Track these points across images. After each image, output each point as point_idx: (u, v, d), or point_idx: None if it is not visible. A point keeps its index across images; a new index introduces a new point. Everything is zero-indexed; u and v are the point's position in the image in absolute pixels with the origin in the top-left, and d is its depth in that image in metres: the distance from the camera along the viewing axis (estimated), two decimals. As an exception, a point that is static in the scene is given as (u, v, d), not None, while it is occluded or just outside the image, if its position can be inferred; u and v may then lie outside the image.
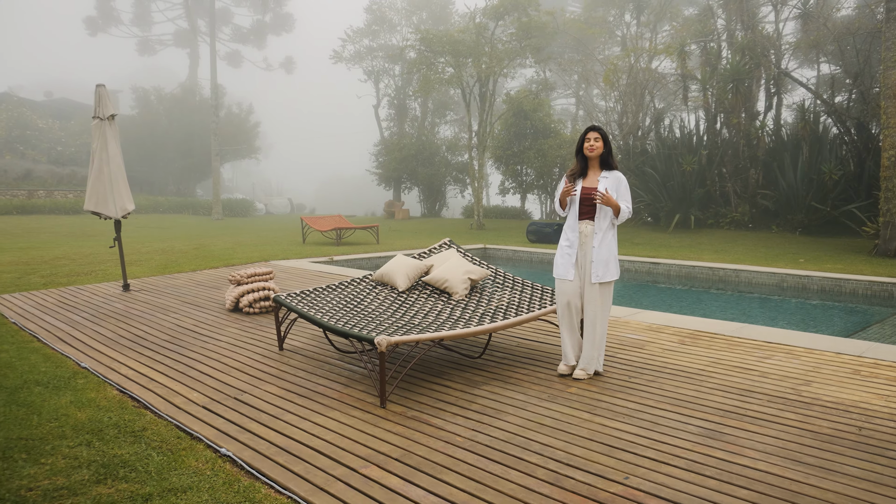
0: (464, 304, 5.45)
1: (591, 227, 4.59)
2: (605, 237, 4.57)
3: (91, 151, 8.59)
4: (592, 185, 4.62)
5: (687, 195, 18.71)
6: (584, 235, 4.59)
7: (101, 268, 11.16)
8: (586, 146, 4.62)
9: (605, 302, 4.64)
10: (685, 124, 20.29)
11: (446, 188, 31.68)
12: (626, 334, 6.07)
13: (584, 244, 4.60)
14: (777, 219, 17.81)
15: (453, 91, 30.89)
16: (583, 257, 4.60)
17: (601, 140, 4.60)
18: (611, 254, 4.58)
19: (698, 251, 14.19)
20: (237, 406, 4.29)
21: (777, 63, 18.94)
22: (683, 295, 10.14)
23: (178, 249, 14.46)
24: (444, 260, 5.95)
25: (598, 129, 4.62)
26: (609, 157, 4.64)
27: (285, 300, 5.41)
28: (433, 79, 22.26)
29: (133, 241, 16.97)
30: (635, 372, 4.90)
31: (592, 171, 4.68)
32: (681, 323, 6.42)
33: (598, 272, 4.56)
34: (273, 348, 5.75)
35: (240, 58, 44.15)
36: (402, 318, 5.13)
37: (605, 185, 4.58)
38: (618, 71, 20.72)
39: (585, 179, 4.68)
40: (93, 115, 8.56)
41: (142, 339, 6.14)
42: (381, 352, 4.15)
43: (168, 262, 12.05)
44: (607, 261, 4.57)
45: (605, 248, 4.57)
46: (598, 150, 4.59)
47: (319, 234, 17.80)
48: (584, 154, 4.64)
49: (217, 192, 29.43)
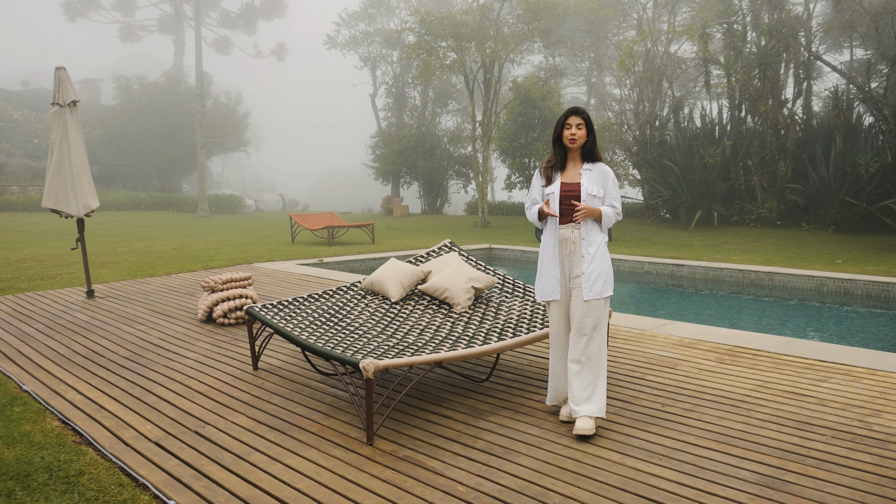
0: (467, 317, 4.94)
1: (576, 232, 3.90)
2: (597, 243, 3.89)
3: (50, 142, 8.10)
4: (573, 181, 3.94)
5: (709, 190, 18.24)
6: (569, 242, 3.91)
7: (67, 271, 10.70)
8: (566, 135, 3.93)
9: (603, 320, 3.91)
10: (707, 113, 19.83)
11: (448, 183, 31.19)
12: (654, 350, 5.55)
13: (570, 253, 3.91)
14: (808, 215, 17.31)
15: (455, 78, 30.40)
16: (570, 270, 3.92)
17: (584, 127, 3.93)
18: (605, 264, 3.89)
19: (724, 251, 13.67)
20: (196, 442, 3.78)
21: (807, 46, 18.40)
22: (712, 301, 9.63)
23: (155, 250, 14.00)
24: (444, 265, 5.44)
25: (581, 112, 3.93)
26: (593, 147, 3.97)
27: (259, 312, 4.91)
28: (434, 65, 21.77)
29: (109, 240, 16.53)
30: (669, 398, 4.39)
31: (573, 163, 4.01)
32: (716, 336, 5.91)
33: (593, 287, 3.85)
34: (247, 367, 5.26)
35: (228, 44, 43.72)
36: (395, 334, 4.62)
37: (589, 180, 3.92)
38: (633, 56, 20.21)
39: (564, 173, 4.00)
40: (52, 102, 8.06)
41: (98, 355, 5.65)
42: (368, 378, 3.64)
43: (142, 264, 11.57)
44: (603, 273, 3.87)
45: (600, 258, 3.87)
46: (580, 140, 3.93)
47: (310, 233, 17.30)
48: (565, 144, 3.96)
49: (203, 188, 28.97)
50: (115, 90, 38.56)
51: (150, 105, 37.11)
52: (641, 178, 20.95)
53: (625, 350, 5.57)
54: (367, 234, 16.31)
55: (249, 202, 37.17)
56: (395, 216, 27.44)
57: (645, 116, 20.51)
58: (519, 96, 24.77)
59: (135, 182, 38.18)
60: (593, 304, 3.86)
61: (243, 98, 40.47)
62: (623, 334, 6.12)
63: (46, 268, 11.23)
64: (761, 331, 7.64)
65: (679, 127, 20.26)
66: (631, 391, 4.54)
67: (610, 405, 4.26)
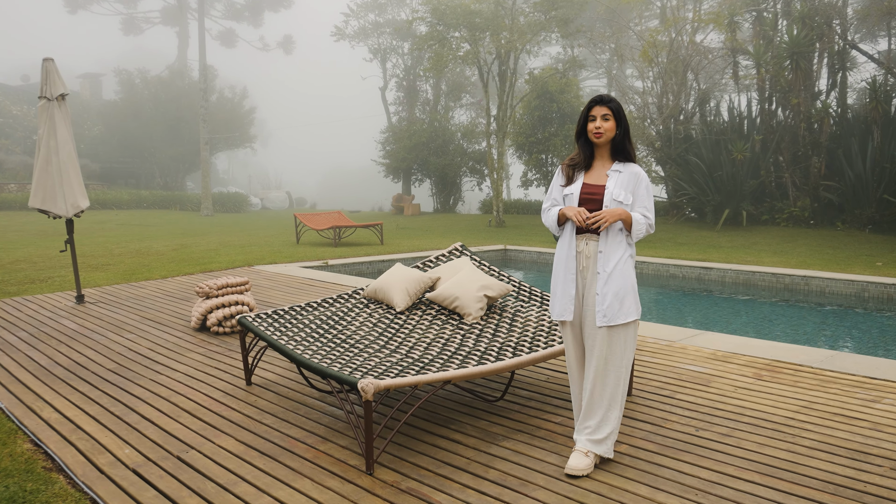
0: (479, 329, 4.66)
1: (592, 245, 3.43)
2: (616, 258, 3.40)
3: (37, 138, 7.91)
4: (598, 182, 3.46)
5: (737, 187, 17.87)
6: (584, 257, 3.45)
7: (59, 274, 10.53)
8: (591, 128, 3.46)
9: (620, 351, 3.42)
10: (735, 106, 19.44)
11: (461, 180, 30.90)
12: (685, 365, 5.25)
13: (586, 269, 3.45)
14: (843, 214, 16.89)
15: (469, 70, 30.12)
16: (584, 288, 3.46)
17: (612, 118, 3.43)
18: (626, 283, 3.39)
19: (754, 253, 13.30)
20: (178, 470, 3.54)
21: (842, 34, 17.96)
22: (743, 308, 9.29)
23: (154, 251, 13.84)
24: (454, 271, 5.17)
25: (609, 101, 3.45)
26: (625, 143, 3.47)
27: (251, 323, 4.66)
28: (446, 56, 21.51)
29: (108, 240, 16.40)
30: (703, 420, 4.09)
31: (600, 161, 3.52)
32: (752, 349, 5.59)
33: (608, 311, 3.37)
34: (240, 382, 5.01)
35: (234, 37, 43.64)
36: (399, 349, 4.35)
37: (616, 183, 3.42)
38: (657, 46, 19.85)
39: (588, 173, 3.52)
40: (39, 95, 7.87)
41: (81, 368, 5.43)
42: (367, 401, 3.38)
43: (138, 266, 11.39)
44: (621, 294, 3.38)
45: (619, 277, 3.38)
46: (608, 134, 3.43)
47: (316, 234, 17.09)
48: (590, 139, 3.50)
49: (207, 186, 28.86)
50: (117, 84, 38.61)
51: (153, 100, 37.11)
52: (665, 175, 20.62)
53: (652, 365, 5.27)
54: (376, 234, 16.07)
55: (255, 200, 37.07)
56: (405, 215, 27.20)
57: (669, 110, 20.17)
58: (536, 89, 24.45)
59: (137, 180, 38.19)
60: (607, 332, 3.40)
61: (249, 92, 40.36)
62: (649, 346, 5.82)
63: (38, 270, 11.07)
64: (801, 342, 7.30)
65: (705, 121, 19.89)
66: (660, 412, 4.24)
67: (638, 428, 3.97)
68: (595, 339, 3.43)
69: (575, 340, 3.57)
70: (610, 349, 3.42)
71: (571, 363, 3.63)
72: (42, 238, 16.71)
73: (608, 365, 3.43)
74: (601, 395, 3.45)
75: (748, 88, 20.49)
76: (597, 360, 3.43)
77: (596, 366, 3.43)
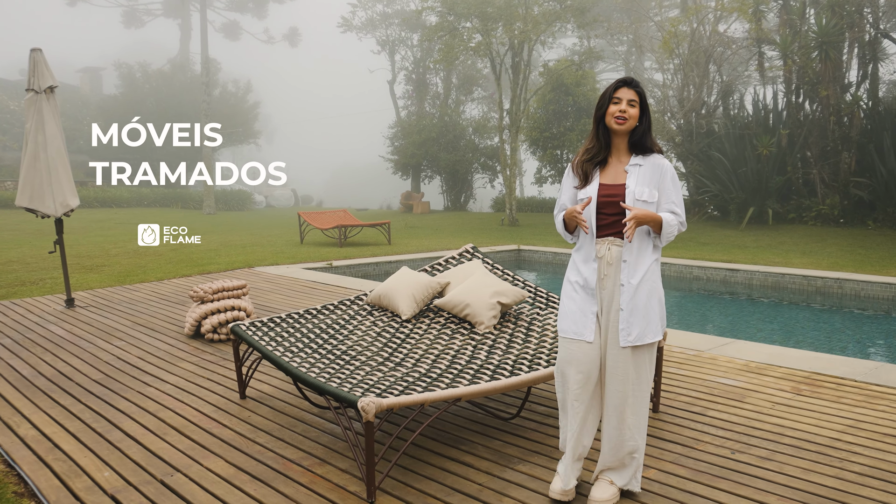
0: (492, 339, 4.41)
1: (617, 249, 3.06)
2: (644, 266, 3.06)
3: (24, 133, 7.73)
4: (616, 181, 3.09)
5: (763, 184, 17.59)
6: (605, 264, 3.07)
7: (52, 275, 10.36)
8: (613, 111, 3.05)
9: (643, 374, 3.09)
10: (760, 99, 19.16)
11: (473, 177, 30.68)
12: (716, 378, 4.98)
13: (606, 278, 3.08)
14: (874, 212, 16.56)
15: (481, 62, 29.89)
16: (606, 301, 3.10)
17: (637, 105, 3.07)
18: (654, 296, 3.07)
19: (782, 253, 12.99)
20: (160, 495, 3.31)
21: (874, 23, 17.59)
22: (772, 312, 9.00)
23: (153, 251, 13.67)
24: (465, 275, 4.92)
25: (635, 84, 3.09)
26: (646, 136, 3.11)
27: (245, 332, 4.43)
28: (457, 48, 21.29)
29: (105, 239, 16.29)
30: (739, 442, 3.82)
31: (616, 156, 3.14)
32: (789, 359, 5.32)
33: (633, 328, 3.03)
34: (233, 395, 4.79)
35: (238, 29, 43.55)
36: (404, 361, 4.11)
37: (638, 179, 3.06)
38: (677, 36, 19.55)
39: (605, 170, 3.13)
40: (27, 88, 7.69)
41: (65, 378, 5.23)
42: (369, 421, 3.14)
43: (134, 267, 11.22)
44: (650, 309, 3.05)
45: (646, 288, 3.05)
46: (631, 122, 3.05)
47: (320, 233, 16.89)
48: (609, 126, 3.10)
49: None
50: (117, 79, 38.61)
51: (154, 94, 37.07)
52: (686, 172, 20.37)
53: (680, 377, 5.01)
54: (383, 233, 15.86)
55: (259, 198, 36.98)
56: (415, 213, 26.99)
57: (690, 103, 19.88)
58: (550, 82, 24.18)
59: (138, 177, 38.14)
60: (633, 353, 3.05)
61: (253, 86, 40.29)
62: (676, 356, 5.56)
63: (31, 272, 10.92)
64: (840, 351, 7.02)
65: (728, 115, 19.61)
66: (691, 432, 3.98)
67: (667, 450, 3.71)
68: (618, 361, 3.05)
69: (589, 363, 3.10)
70: (637, 372, 3.06)
71: (576, 390, 3.12)
72: (38, 238, 16.60)
73: (636, 390, 3.07)
74: (632, 426, 3.10)
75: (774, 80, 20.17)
76: (622, 385, 3.05)
77: (622, 392, 3.06)
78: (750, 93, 20.69)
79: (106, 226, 20.85)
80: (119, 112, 36.39)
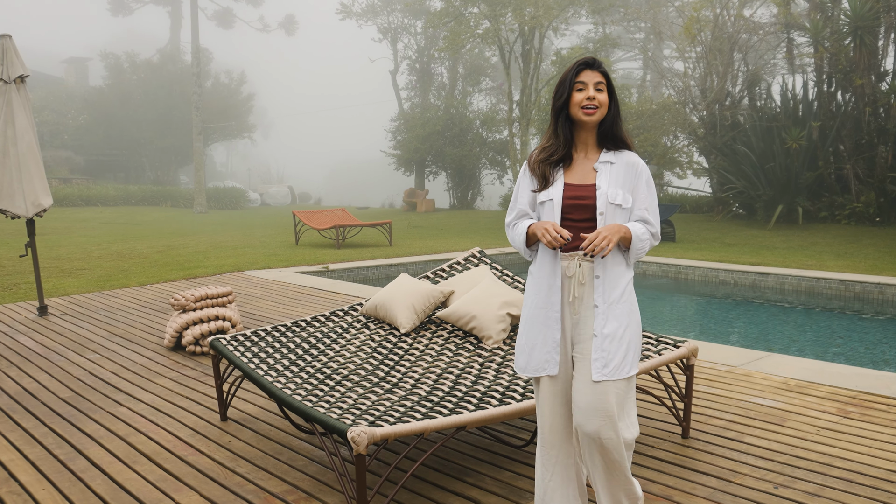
0: (501, 356, 4.16)
1: (588, 266, 2.70)
2: (621, 283, 2.72)
3: (-8, 126, 7.52)
4: (584, 181, 2.75)
5: (792, 180, 17.35)
6: (576, 284, 2.70)
7: (28, 280, 10.18)
8: (579, 100, 2.71)
9: (626, 409, 2.72)
10: (789, 89, 18.89)
11: (481, 173, 30.49)
12: (751, 398, 4.72)
13: (577, 301, 2.72)
14: (913, 210, 16.28)
15: (489, 51, 29.65)
16: (573, 327, 2.75)
17: (605, 88, 2.74)
18: (631, 323, 2.72)
19: (815, 255, 12.71)
20: (124, 538, 3.07)
21: (912, 7, 17.30)
22: (807, 321, 8.73)
23: (137, 253, 13.50)
24: (472, 283, 4.68)
25: (598, 65, 2.75)
26: (617, 126, 2.78)
27: (225, 347, 4.19)
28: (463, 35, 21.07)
29: (88, 241, 16.12)
30: (782, 474, 3.56)
31: (583, 152, 2.81)
32: (832, 376, 5.05)
33: (610, 358, 2.66)
34: (214, 415, 4.56)
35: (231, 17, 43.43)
36: (402, 382, 3.86)
37: (609, 178, 2.74)
38: (699, 22, 19.33)
39: (570, 169, 2.80)
40: (-5, 77, 7.48)
41: (30, 396, 5.00)
42: (360, 454, 2.89)
43: (116, 271, 11.02)
44: (628, 336, 2.70)
45: (624, 314, 2.70)
46: (601, 111, 2.73)
47: (317, 234, 16.68)
48: (576, 117, 2.76)
49: (200, 180, 28.62)
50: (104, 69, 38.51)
51: (142, 86, 36.96)
52: (709, 167, 20.17)
53: (711, 397, 4.75)
54: (384, 234, 15.63)
55: (254, 196, 36.85)
56: (418, 212, 26.78)
57: (713, 94, 19.68)
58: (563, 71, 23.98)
59: (126, 174, 38.06)
60: (607, 388, 2.66)
61: (247, 77, 40.15)
62: (706, 373, 5.30)
63: (5, 276, 10.74)
64: (884, 365, 6.74)
65: (755, 106, 19.39)
66: (727, 461, 3.72)
67: (701, 484, 3.45)
68: (592, 396, 2.65)
69: (559, 401, 2.79)
70: (619, 405, 2.68)
71: (553, 433, 2.82)
72: (16, 238, 16.44)
73: (611, 428, 2.65)
74: (618, 472, 2.72)
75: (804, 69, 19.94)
76: (601, 423, 2.64)
77: (602, 430, 2.64)
78: (778, 82, 20.42)
79: (89, 226, 20.69)
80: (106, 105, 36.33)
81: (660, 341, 4.12)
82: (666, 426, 4.25)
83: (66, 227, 19.83)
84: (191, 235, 17.79)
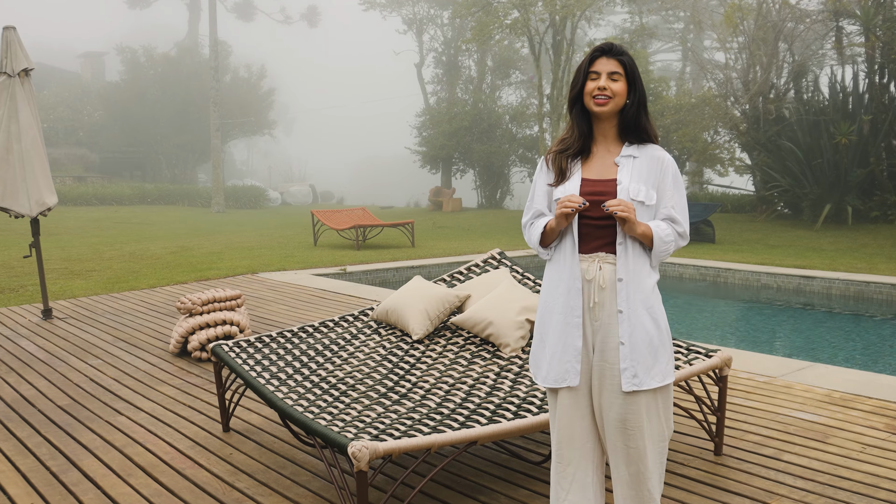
0: (518, 365, 4.06)
1: (610, 268, 2.59)
2: (647, 285, 2.60)
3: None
4: (603, 175, 2.65)
5: (841, 178, 17.13)
6: (596, 288, 2.58)
7: (35, 281, 10.26)
8: (591, 90, 2.61)
9: (660, 422, 2.62)
10: (837, 80, 18.64)
11: (510, 170, 30.43)
12: (791, 412, 4.57)
13: (598, 306, 2.60)
14: (973, 210, 15.94)
15: (519, 42, 29.56)
16: (594, 335, 2.62)
17: (623, 79, 2.62)
18: (658, 325, 2.59)
19: (865, 257, 12.45)
20: (112, 557, 3.03)
21: (972, -8, 16.95)
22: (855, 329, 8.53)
23: (150, 254, 13.59)
24: (489, 287, 4.59)
25: (620, 54, 2.63)
26: (640, 118, 2.66)
27: (227, 354, 4.14)
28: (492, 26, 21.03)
29: (101, 241, 16.28)
30: (824, 496, 3.43)
31: (602, 143, 2.70)
32: (880, 389, 4.90)
33: (638, 367, 2.55)
34: (216, 426, 4.53)
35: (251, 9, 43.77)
36: (412, 392, 3.78)
37: (631, 174, 2.62)
38: (742, 10, 19.13)
39: (588, 163, 2.70)
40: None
41: (27, 404, 5.01)
42: (361, 471, 2.82)
43: (127, 272, 11.09)
44: (655, 342, 2.58)
45: (648, 318, 2.58)
46: (616, 101, 2.61)
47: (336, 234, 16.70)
48: (588, 108, 2.66)
49: (218, 178, 28.83)
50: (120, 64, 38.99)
51: (160, 81, 37.34)
52: (752, 164, 19.97)
53: (748, 410, 4.61)
54: (406, 234, 15.60)
55: (274, 195, 37.04)
56: (444, 212, 26.74)
57: (757, 86, 19.47)
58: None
59: (143, 172, 38.48)
60: (638, 399, 2.56)
61: (267, 71, 40.39)
62: (742, 384, 5.15)
63: (12, 277, 10.86)
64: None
65: (801, 99, 19.24)
66: (764, 482, 3.59)
67: (732, 507, 3.33)
68: (621, 408, 2.56)
69: (578, 414, 2.65)
70: (649, 422, 2.57)
71: (571, 449, 2.67)
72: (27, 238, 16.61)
73: (650, 440, 2.57)
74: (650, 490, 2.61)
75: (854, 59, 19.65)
76: (632, 436, 2.55)
77: (633, 446, 2.56)
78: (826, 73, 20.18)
79: (103, 226, 20.93)
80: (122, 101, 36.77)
81: (690, 350, 4.00)
82: (697, 442, 4.13)
83: (80, 227, 20.06)
84: (206, 236, 17.91)
